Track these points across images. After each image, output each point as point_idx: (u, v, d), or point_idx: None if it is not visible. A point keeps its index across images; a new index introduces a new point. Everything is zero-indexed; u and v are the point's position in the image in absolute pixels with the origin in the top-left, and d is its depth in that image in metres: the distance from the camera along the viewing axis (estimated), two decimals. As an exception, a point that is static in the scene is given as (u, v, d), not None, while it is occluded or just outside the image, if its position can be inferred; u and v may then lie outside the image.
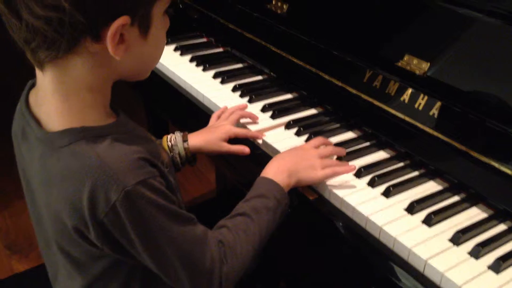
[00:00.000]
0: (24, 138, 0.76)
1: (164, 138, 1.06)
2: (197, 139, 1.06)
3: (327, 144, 1.01)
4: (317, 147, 0.98)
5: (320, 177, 0.92)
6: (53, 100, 0.70)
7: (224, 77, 1.30)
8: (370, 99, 1.04)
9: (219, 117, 1.13)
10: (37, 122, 0.73)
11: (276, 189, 0.88)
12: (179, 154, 1.04)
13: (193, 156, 1.07)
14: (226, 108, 1.16)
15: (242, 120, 1.13)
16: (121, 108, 0.79)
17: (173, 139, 1.05)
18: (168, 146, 1.04)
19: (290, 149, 0.99)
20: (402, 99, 0.99)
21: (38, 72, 0.71)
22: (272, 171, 0.91)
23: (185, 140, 1.05)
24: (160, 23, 0.71)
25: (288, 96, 1.24)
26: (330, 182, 0.93)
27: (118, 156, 0.68)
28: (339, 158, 1.00)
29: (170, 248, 0.71)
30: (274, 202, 0.86)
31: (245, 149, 1.05)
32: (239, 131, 1.07)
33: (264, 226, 0.84)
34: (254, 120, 1.12)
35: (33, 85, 0.76)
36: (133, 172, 0.67)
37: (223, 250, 0.78)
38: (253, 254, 0.82)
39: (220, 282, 0.76)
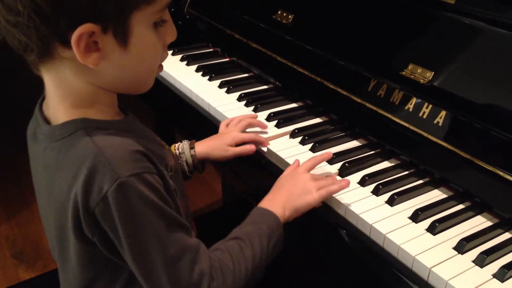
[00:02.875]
0: (35, 139, 0.77)
1: (172, 146, 1.07)
2: (204, 146, 1.07)
3: (320, 161, 0.98)
4: (311, 168, 0.95)
5: (316, 199, 0.89)
6: (56, 101, 0.72)
7: (230, 86, 1.31)
8: (375, 108, 1.05)
9: (228, 125, 1.13)
10: (47, 121, 0.74)
11: (270, 218, 0.85)
12: (186, 162, 1.05)
13: (201, 163, 1.08)
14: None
15: (251, 129, 1.13)
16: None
17: (180, 147, 1.06)
18: (176, 154, 1.05)
19: (283, 176, 0.96)
20: (406, 108, 1.00)
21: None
22: (267, 202, 0.89)
23: (192, 147, 1.06)
24: (146, 35, 0.69)
25: (293, 105, 1.25)
26: (334, 190, 0.93)
27: (116, 146, 0.68)
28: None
29: (156, 249, 0.68)
30: (268, 230, 0.83)
31: (251, 146, 1.05)
32: (246, 136, 1.07)
33: (257, 250, 0.80)
34: (263, 128, 1.13)
35: None
36: (129, 164, 0.67)
37: (215, 267, 0.74)
38: (245, 276, 0.78)
39: None
